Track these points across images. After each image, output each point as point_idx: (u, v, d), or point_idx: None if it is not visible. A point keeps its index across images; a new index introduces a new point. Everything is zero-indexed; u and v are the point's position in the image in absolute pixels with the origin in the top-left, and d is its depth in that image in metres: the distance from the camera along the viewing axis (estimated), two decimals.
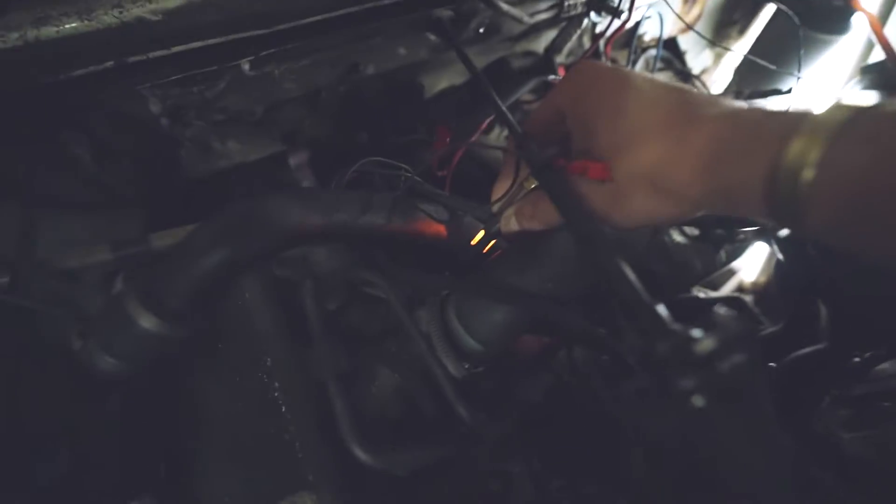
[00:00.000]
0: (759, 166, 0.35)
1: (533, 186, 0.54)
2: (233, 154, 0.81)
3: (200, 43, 0.57)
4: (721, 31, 1.26)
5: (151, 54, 0.55)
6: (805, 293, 1.00)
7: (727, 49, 1.17)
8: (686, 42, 1.23)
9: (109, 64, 0.54)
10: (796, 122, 0.34)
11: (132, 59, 0.55)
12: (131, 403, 0.48)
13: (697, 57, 1.29)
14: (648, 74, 0.45)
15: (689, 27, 0.91)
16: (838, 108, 0.32)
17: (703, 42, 1.27)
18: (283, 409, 0.51)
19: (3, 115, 0.58)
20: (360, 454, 0.38)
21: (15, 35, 0.47)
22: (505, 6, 0.71)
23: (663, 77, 1.10)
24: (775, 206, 0.34)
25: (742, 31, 1.26)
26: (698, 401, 0.29)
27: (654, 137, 0.41)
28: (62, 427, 0.42)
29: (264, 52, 0.64)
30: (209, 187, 0.88)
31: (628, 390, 0.31)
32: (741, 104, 0.39)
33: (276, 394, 0.52)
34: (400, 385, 0.54)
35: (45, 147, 0.59)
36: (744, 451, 0.29)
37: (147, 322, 0.42)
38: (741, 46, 1.25)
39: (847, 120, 0.31)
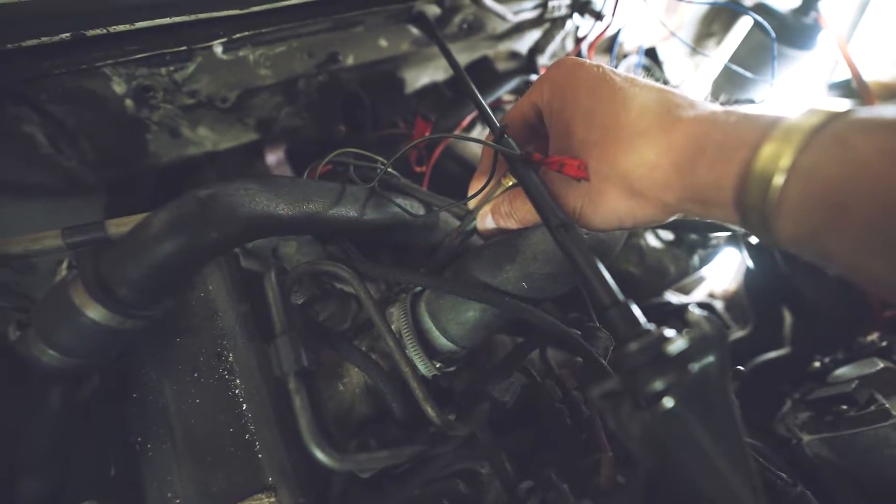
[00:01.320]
0: (732, 170, 0.34)
1: (511, 184, 0.53)
2: (203, 141, 0.78)
3: (167, 20, 0.54)
4: (699, 41, 1.29)
5: (112, 28, 0.52)
6: (771, 300, 1.03)
7: (706, 56, 1.20)
8: (665, 51, 1.25)
9: (65, 36, 0.51)
10: (769, 126, 0.34)
11: (91, 32, 0.51)
12: (75, 399, 0.44)
13: (676, 66, 1.31)
14: (629, 74, 0.44)
15: (672, 33, 0.92)
16: (810, 113, 0.32)
17: (682, 52, 1.29)
18: (244, 407, 0.49)
19: None
20: (319, 455, 0.36)
21: None
22: (489, 2, 0.70)
23: None
24: (746, 212, 0.34)
25: (719, 43, 1.29)
26: (668, 402, 0.28)
27: (631, 137, 0.41)
28: None
29: (237, 35, 0.61)
30: (179, 176, 0.85)
31: (598, 393, 0.30)
32: (718, 107, 0.39)
33: (236, 391, 0.49)
34: (367, 384, 0.53)
35: None
36: (708, 452, 0.28)
37: (94, 313, 0.39)
38: (718, 57, 1.28)
39: (819, 125, 0.31)
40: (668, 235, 0.91)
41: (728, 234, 0.90)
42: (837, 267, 0.31)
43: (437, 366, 0.50)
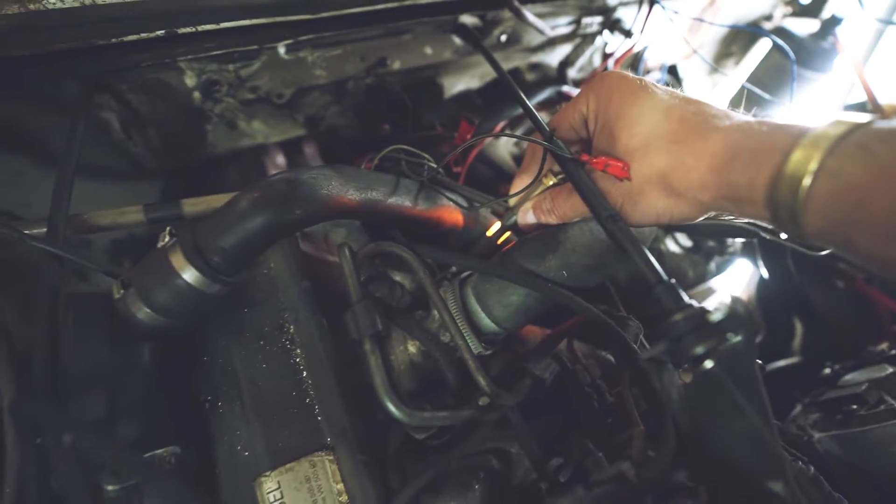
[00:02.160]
0: (765, 172, 0.39)
1: (552, 183, 0.59)
2: (256, 134, 0.83)
3: (248, 21, 0.60)
4: (719, 61, 1.35)
5: (200, 27, 0.58)
6: (782, 309, 1.07)
7: (725, 75, 1.25)
8: (685, 70, 1.30)
9: (160, 33, 0.56)
10: (799, 134, 0.39)
11: (182, 30, 0.57)
12: (161, 357, 0.49)
13: (696, 84, 1.37)
14: (668, 87, 0.50)
15: (694, 51, 0.97)
16: (836, 123, 0.37)
17: (702, 71, 1.35)
18: (304, 374, 0.53)
19: (52, 73, 0.60)
20: (393, 409, 0.40)
21: None
22: (531, 17, 0.76)
23: None
24: (777, 209, 0.39)
25: (737, 63, 1.34)
26: (709, 364, 0.33)
27: (671, 143, 0.46)
28: (100, 372, 0.43)
29: (303, 38, 0.67)
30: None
31: (647, 356, 0.34)
32: (751, 118, 0.44)
33: (297, 360, 0.54)
34: (412, 361, 0.57)
35: (84, 109, 0.60)
36: (744, 409, 0.33)
37: (189, 276, 0.44)
38: (737, 77, 1.34)
39: (843, 133, 0.36)
40: (686, 242, 0.95)
41: (744, 241, 0.95)
42: (859, 256, 0.36)
43: (482, 346, 0.54)
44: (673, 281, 0.37)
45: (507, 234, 0.66)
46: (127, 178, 0.82)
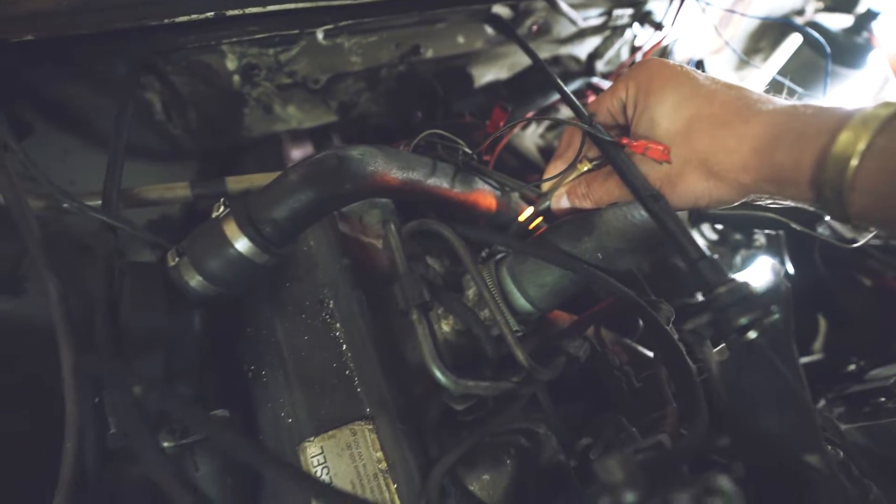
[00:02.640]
0: (811, 153, 0.40)
1: (586, 168, 0.59)
2: (290, 119, 0.85)
3: (292, 5, 0.61)
4: (747, 57, 1.34)
5: (248, 10, 0.60)
6: (808, 306, 1.07)
7: (757, 67, 1.24)
8: (712, 65, 1.29)
9: (210, 14, 0.58)
10: (846, 116, 0.39)
11: (230, 12, 0.59)
12: (208, 325, 0.51)
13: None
14: (708, 74, 0.51)
15: (726, 43, 0.97)
16: (884, 105, 0.38)
17: (729, 66, 1.34)
18: (344, 347, 0.55)
19: (103, 53, 0.62)
20: (440, 376, 0.42)
21: None
22: (565, 6, 0.76)
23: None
24: (821, 188, 0.40)
25: (765, 59, 1.33)
26: (752, 334, 0.34)
27: (713, 126, 0.47)
28: (156, 334, 0.45)
29: (343, 23, 0.69)
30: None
31: (690, 327, 0.35)
32: (795, 101, 0.45)
33: (337, 333, 0.56)
34: (447, 339, 0.59)
35: (133, 88, 0.62)
36: (787, 378, 0.34)
37: (242, 245, 0.46)
38: (765, 72, 1.33)
39: (893, 114, 0.37)
40: (713, 235, 0.95)
41: (769, 236, 0.94)
42: None
43: (517, 325, 0.56)
44: (716, 256, 0.38)
45: (539, 219, 0.67)
46: (164, 158, 0.85)
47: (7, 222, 0.76)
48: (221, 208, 0.47)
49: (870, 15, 1.04)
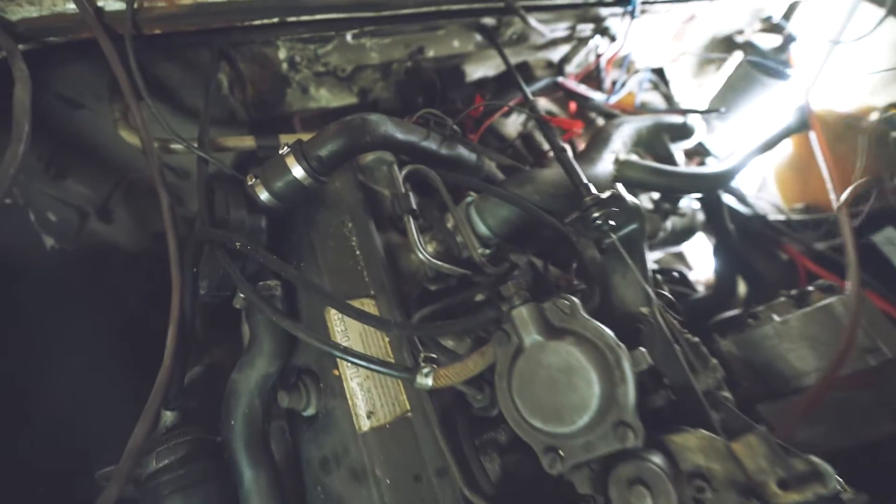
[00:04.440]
0: None
1: None
2: (321, 99, 1.10)
3: (333, 15, 0.86)
4: (702, 65, 1.58)
5: (301, 17, 0.85)
6: (730, 272, 1.31)
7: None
8: (672, 72, 1.54)
9: (275, 20, 0.83)
10: None
11: (290, 18, 0.84)
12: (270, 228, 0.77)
13: (682, 86, 1.60)
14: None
15: (684, 53, 1.21)
16: None
17: (688, 73, 1.58)
18: (357, 252, 0.80)
19: (195, 44, 0.87)
20: (420, 254, 0.66)
21: None
22: (534, 22, 1.01)
23: (649, 96, 1.41)
24: None
25: (718, 68, 1.57)
26: (607, 227, 0.58)
27: None
28: (238, 226, 0.70)
29: (368, 28, 0.94)
30: None
31: (569, 219, 0.60)
32: None
33: (353, 243, 0.81)
34: (441, 251, 0.83)
35: (215, 69, 0.87)
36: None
37: (297, 172, 0.71)
38: (717, 80, 1.57)
39: None
40: (649, 204, 1.19)
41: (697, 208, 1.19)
42: None
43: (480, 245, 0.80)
44: (591, 186, 0.63)
45: None
46: (222, 124, 1.10)
47: (99, 162, 1.03)
48: (285, 148, 0.72)
49: (790, 38, 1.28)
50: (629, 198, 0.61)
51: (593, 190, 0.62)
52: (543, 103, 1.32)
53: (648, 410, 0.55)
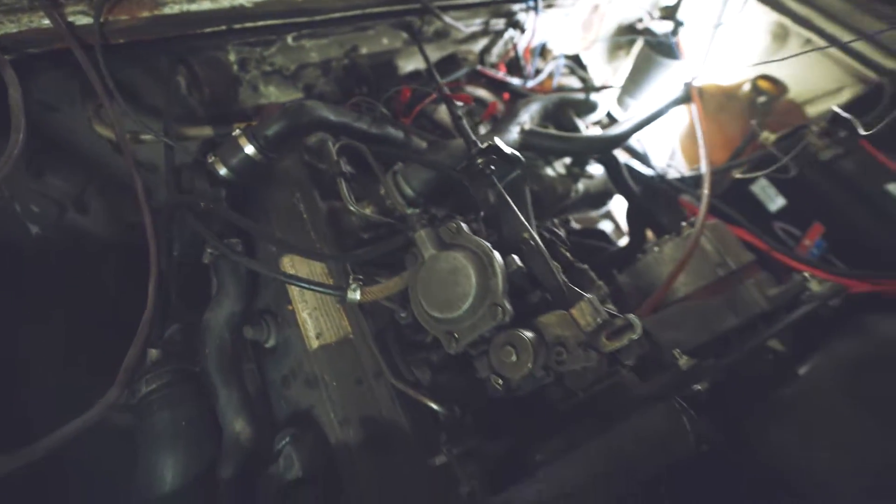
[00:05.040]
0: None
1: None
2: (270, 95, 1.26)
3: (273, 21, 1.03)
4: (613, 51, 1.80)
5: (246, 24, 1.01)
6: (641, 224, 1.52)
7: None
8: (588, 58, 1.75)
9: (223, 27, 0.99)
10: None
11: (236, 26, 1.00)
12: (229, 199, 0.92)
13: (597, 70, 1.81)
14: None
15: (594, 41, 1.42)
16: None
17: (601, 59, 1.80)
18: (305, 217, 0.96)
19: (155, 51, 1.02)
20: (351, 207, 0.83)
21: (176, 7, 0.92)
22: (448, 19, 1.19)
23: (567, 80, 1.62)
24: None
25: (628, 53, 1.79)
26: (490, 170, 0.76)
27: None
28: (201, 196, 0.86)
29: (305, 31, 1.10)
30: None
31: (460, 167, 0.78)
32: None
33: (301, 209, 0.97)
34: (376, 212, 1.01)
35: (174, 73, 1.03)
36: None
37: (248, 149, 0.87)
38: (627, 63, 1.78)
39: None
40: (561, 169, 1.39)
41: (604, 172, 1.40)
42: None
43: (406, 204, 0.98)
44: (478, 143, 0.81)
45: None
46: (182, 121, 1.24)
47: (73, 160, 1.16)
48: (237, 130, 0.88)
49: (679, 24, 1.50)
50: (506, 148, 0.80)
51: (495, 143, 0.81)
52: (482, 92, 1.50)
53: (526, 304, 0.74)
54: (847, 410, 0.98)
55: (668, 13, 1.62)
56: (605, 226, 1.94)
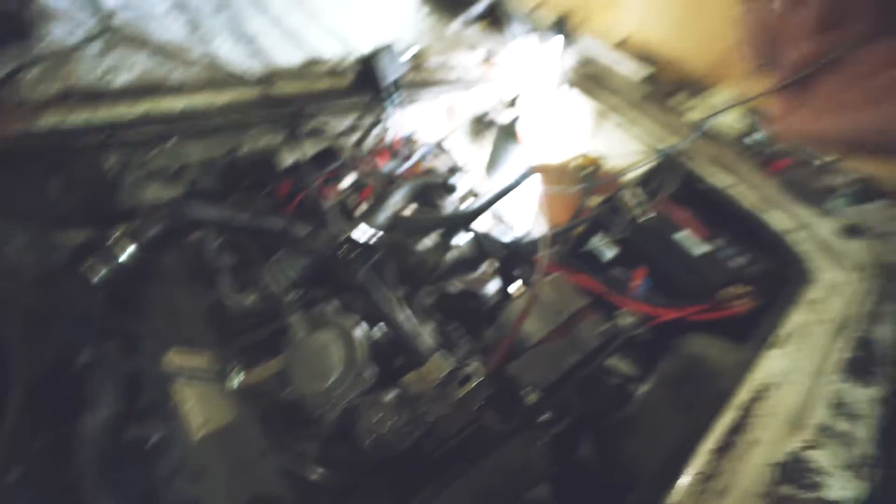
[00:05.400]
0: None
1: None
2: (152, 194, 1.32)
3: (156, 128, 1.12)
4: (477, 134, 2.12)
5: (128, 132, 1.09)
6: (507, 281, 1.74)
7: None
8: (451, 142, 2.04)
9: (101, 137, 1.06)
10: None
11: (120, 137, 1.07)
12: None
13: (461, 152, 2.12)
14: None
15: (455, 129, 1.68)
16: None
17: (465, 142, 2.11)
18: (186, 311, 1.02)
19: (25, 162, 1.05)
20: (228, 302, 0.92)
21: (52, 120, 0.98)
22: (315, 123, 1.38)
23: (439, 162, 1.86)
24: None
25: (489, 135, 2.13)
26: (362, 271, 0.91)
27: None
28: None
29: (184, 136, 1.21)
30: None
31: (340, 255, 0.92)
32: None
33: (181, 302, 1.03)
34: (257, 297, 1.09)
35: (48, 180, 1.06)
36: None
37: (127, 253, 0.93)
38: (488, 144, 2.11)
39: None
40: (430, 243, 1.59)
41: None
42: None
43: None
44: (342, 237, 0.96)
45: None
46: (55, 224, 1.24)
47: None
48: (117, 233, 0.94)
49: (517, 116, 1.87)
50: (359, 238, 0.96)
51: (352, 237, 0.96)
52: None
53: (393, 367, 0.87)
54: (671, 417, 1.23)
55: (512, 104, 1.99)
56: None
